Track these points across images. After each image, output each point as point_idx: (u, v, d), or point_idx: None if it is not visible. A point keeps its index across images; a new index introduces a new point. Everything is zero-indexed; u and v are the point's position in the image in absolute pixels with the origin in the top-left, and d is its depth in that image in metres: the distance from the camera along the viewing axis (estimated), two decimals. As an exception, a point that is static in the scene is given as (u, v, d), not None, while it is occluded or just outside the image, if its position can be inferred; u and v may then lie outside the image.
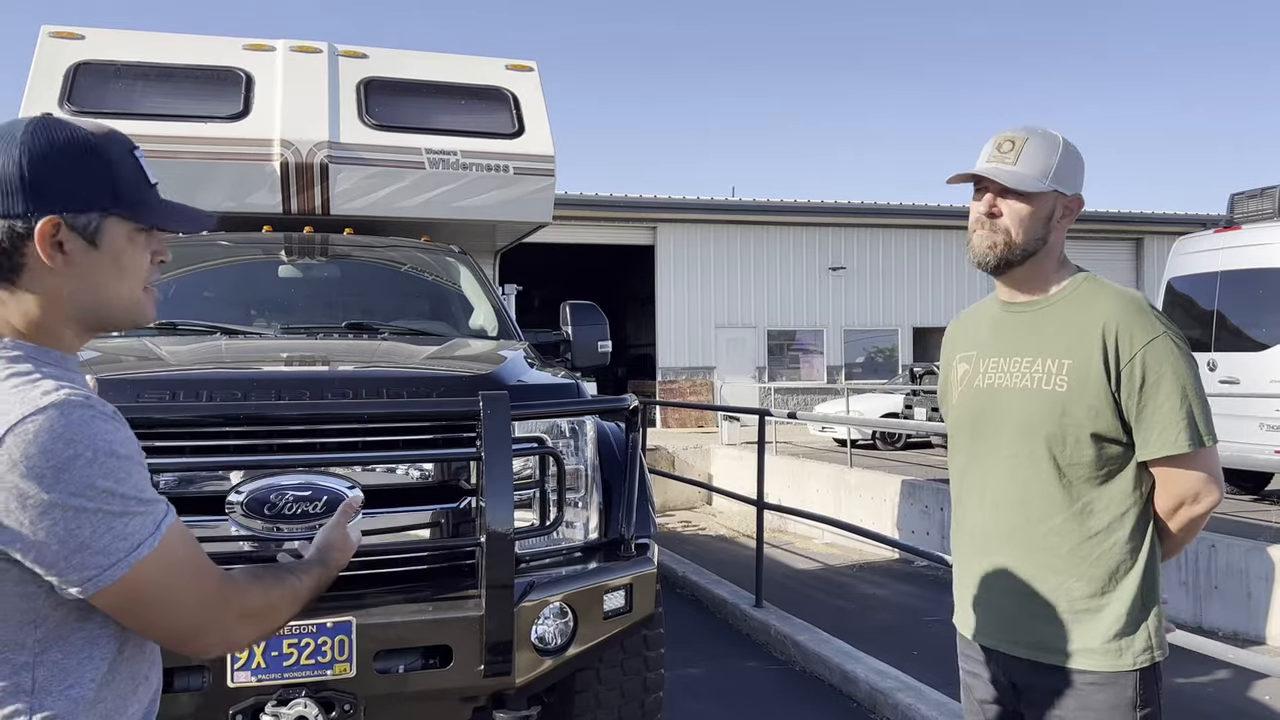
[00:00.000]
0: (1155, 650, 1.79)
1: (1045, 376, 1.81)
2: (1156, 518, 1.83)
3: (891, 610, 7.14)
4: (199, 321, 4.00)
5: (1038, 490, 1.82)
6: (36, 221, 1.14)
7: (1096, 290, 1.85)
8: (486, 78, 5.65)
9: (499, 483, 2.75)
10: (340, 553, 1.52)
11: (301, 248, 4.82)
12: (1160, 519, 1.83)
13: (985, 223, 1.85)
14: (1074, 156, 1.87)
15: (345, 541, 1.54)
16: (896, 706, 4.24)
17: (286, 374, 3.10)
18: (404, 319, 4.42)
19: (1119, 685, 1.77)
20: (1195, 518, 1.80)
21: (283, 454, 2.77)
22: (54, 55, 4.93)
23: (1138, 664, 1.78)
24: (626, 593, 3.06)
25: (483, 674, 2.71)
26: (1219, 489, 1.79)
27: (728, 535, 11.60)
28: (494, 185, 5.32)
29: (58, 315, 1.20)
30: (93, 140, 1.22)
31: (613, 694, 3.35)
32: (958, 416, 2.00)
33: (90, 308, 1.21)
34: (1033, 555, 1.84)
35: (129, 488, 1.12)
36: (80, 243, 1.18)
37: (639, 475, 3.29)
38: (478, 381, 3.05)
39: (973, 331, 2.04)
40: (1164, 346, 1.74)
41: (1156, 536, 1.84)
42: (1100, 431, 1.77)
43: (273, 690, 2.54)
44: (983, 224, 1.85)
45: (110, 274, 1.21)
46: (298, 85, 5.14)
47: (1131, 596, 1.79)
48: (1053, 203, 1.84)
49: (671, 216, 21.12)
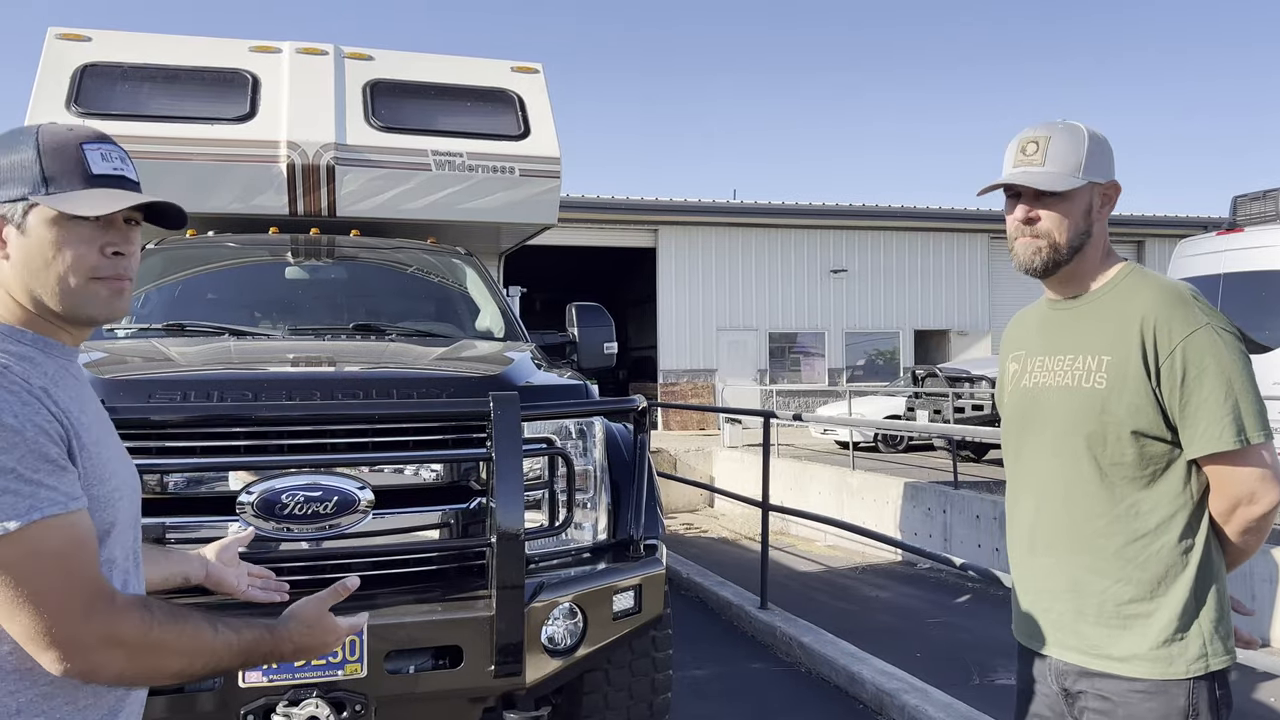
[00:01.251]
0: (1213, 658, 1.71)
1: (1085, 374, 1.77)
2: (1214, 523, 1.75)
3: (894, 612, 7.14)
4: (207, 322, 4.00)
5: (1081, 491, 1.78)
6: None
7: (1139, 282, 1.80)
8: (492, 80, 5.65)
9: (509, 483, 2.76)
10: (307, 631, 1.37)
11: (308, 249, 4.83)
12: (1218, 524, 1.74)
13: (1025, 230, 1.80)
14: (1101, 143, 1.82)
15: (319, 622, 1.39)
16: (903, 708, 4.23)
17: (297, 375, 3.10)
18: (411, 320, 4.43)
19: (1169, 694, 1.70)
20: (1255, 519, 1.71)
21: (293, 454, 2.77)
22: (61, 57, 4.94)
23: (1190, 672, 1.70)
24: (636, 593, 3.06)
25: (493, 674, 2.71)
26: (1278, 487, 1.68)
27: (730, 537, 11.60)
28: (500, 187, 5.32)
29: (19, 299, 1.25)
30: (28, 133, 1.26)
31: (621, 695, 3.36)
32: (1008, 417, 1.98)
33: (33, 293, 1.24)
34: (1079, 557, 1.80)
35: (7, 459, 1.09)
36: (13, 230, 1.24)
37: (647, 476, 3.29)
38: (487, 382, 3.05)
39: (1024, 331, 2.01)
40: (1206, 338, 1.67)
41: (1215, 540, 1.76)
42: (1141, 429, 1.71)
43: (284, 690, 2.54)
44: (1022, 231, 1.81)
45: (41, 261, 1.24)
46: (304, 87, 5.15)
47: (1183, 601, 1.71)
48: (1089, 195, 1.80)
49: (673, 219, 21.14)
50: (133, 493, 1.34)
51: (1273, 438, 1.70)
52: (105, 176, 1.27)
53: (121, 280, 1.29)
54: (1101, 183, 1.82)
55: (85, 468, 1.20)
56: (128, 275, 1.30)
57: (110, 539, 1.25)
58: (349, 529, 2.77)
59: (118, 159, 1.30)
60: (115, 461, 1.29)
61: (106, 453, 1.27)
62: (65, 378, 1.26)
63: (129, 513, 1.32)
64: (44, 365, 1.23)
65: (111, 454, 1.29)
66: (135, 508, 1.36)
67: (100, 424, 1.30)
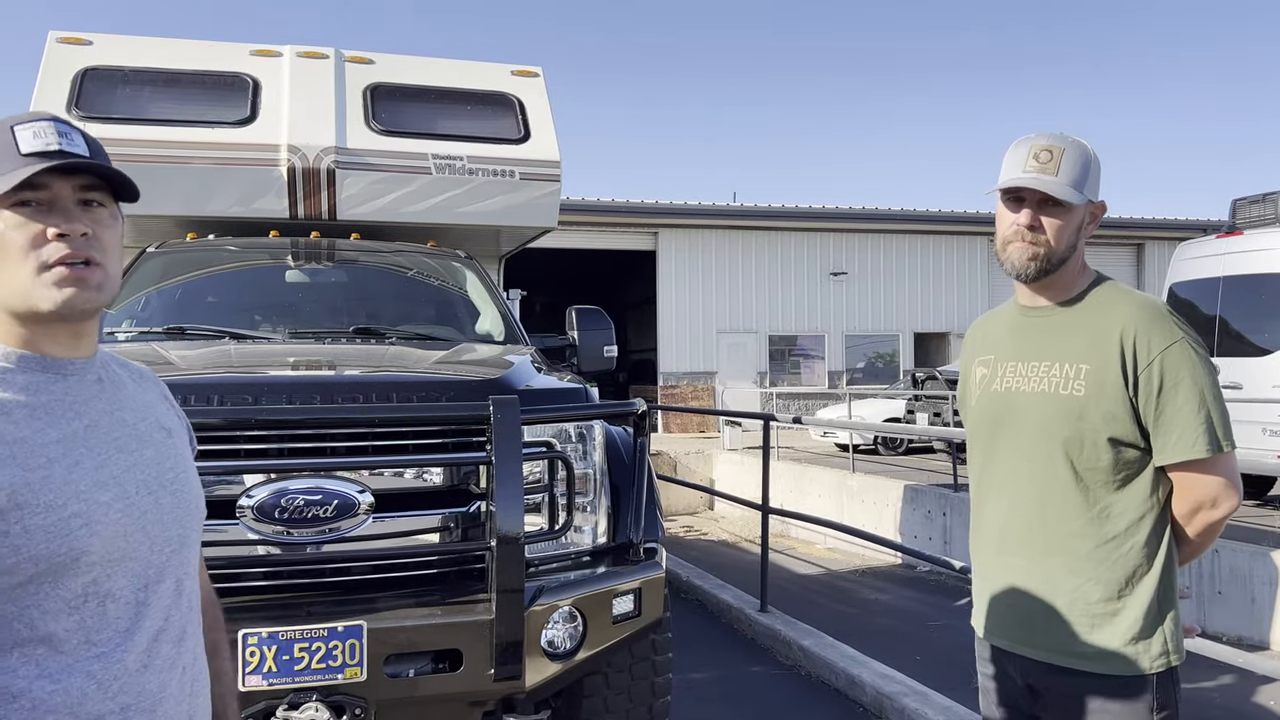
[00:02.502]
0: (1172, 654, 1.79)
1: (1063, 381, 1.82)
2: (1174, 523, 1.83)
3: (894, 615, 7.14)
4: (208, 326, 4.01)
5: (1055, 494, 1.83)
6: None
7: (1116, 296, 1.86)
8: (492, 83, 5.66)
9: (509, 487, 2.76)
10: None
11: (308, 253, 4.83)
12: (1178, 524, 1.83)
13: (1024, 234, 1.83)
14: (1098, 165, 1.88)
15: None
16: (903, 711, 4.24)
17: (298, 379, 3.10)
18: (411, 324, 4.43)
19: (1137, 689, 1.78)
20: (1213, 523, 1.80)
21: (294, 458, 2.78)
22: (62, 61, 4.95)
23: (1154, 668, 1.78)
24: (635, 597, 3.06)
25: (493, 678, 2.72)
26: (1237, 494, 1.79)
27: (730, 540, 11.61)
28: (500, 190, 5.33)
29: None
30: None
31: (620, 698, 3.36)
32: (976, 420, 2.02)
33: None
34: (1050, 558, 1.85)
35: None
36: None
37: (647, 480, 3.30)
38: (487, 386, 3.06)
39: (991, 336, 2.05)
40: (1182, 352, 1.75)
41: (1174, 541, 1.84)
42: (1117, 436, 1.78)
43: (284, 694, 2.54)
44: (1021, 235, 1.84)
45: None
46: (305, 91, 5.16)
47: (1149, 601, 1.79)
48: (1084, 211, 1.86)
49: (673, 222, 21.15)
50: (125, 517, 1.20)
51: (1235, 447, 1.79)
52: (35, 154, 1.17)
53: (70, 265, 1.17)
54: (1095, 202, 1.88)
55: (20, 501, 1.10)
56: (80, 258, 1.18)
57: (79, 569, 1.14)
58: (349, 532, 2.77)
59: (54, 134, 1.19)
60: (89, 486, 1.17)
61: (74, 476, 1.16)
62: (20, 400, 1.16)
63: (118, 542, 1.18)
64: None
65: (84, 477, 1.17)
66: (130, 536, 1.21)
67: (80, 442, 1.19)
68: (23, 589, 1.11)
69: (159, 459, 1.29)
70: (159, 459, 1.29)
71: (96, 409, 1.25)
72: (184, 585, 1.30)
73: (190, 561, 1.32)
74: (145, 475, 1.25)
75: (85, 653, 1.15)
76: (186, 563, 1.31)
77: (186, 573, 1.31)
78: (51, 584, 1.13)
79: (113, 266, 1.24)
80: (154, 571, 1.24)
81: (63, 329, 1.22)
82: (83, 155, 1.21)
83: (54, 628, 1.13)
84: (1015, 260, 1.86)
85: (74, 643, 1.14)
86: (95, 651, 1.16)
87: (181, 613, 1.29)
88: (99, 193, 1.24)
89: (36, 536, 1.11)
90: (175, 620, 1.27)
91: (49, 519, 1.12)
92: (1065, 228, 1.82)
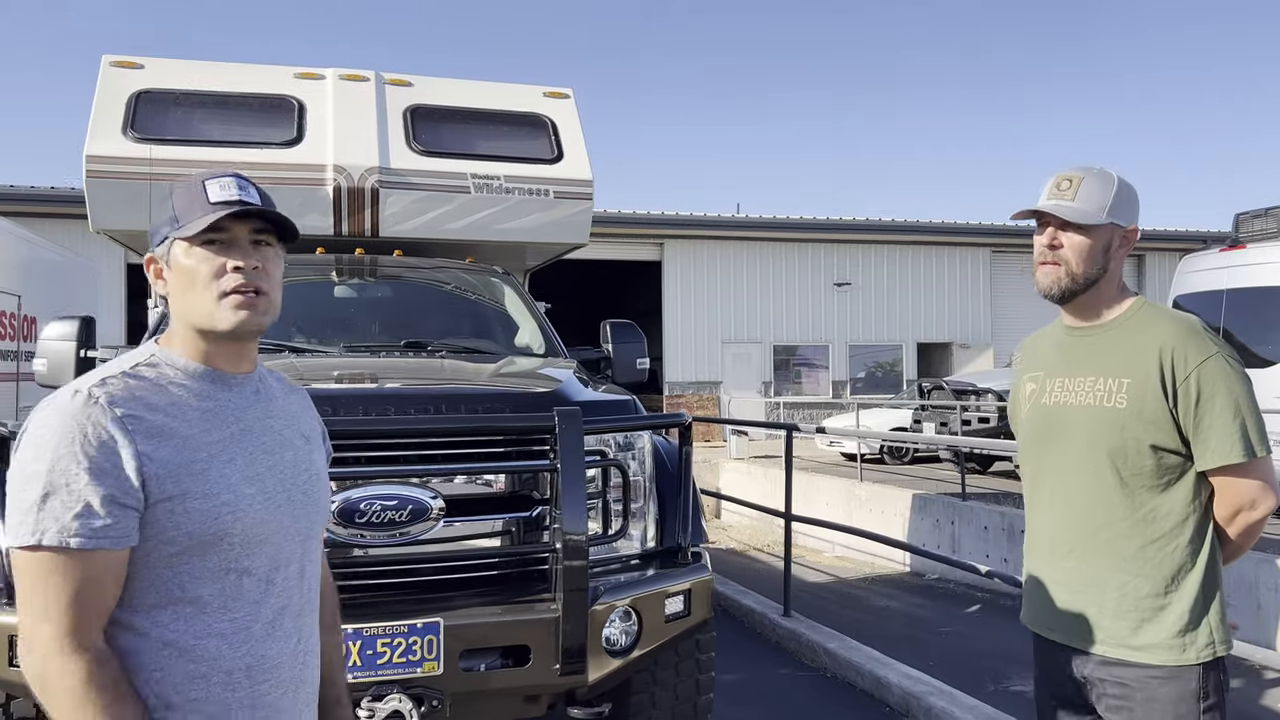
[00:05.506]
0: (1219, 645, 1.94)
1: (1107, 394, 1.99)
2: (1216, 525, 1.99)
3: (905, 621, 7.29)
4: (266, 340, 4.17)
5: (1102, 499, 2.00)
6: None
7: (1154, 315, 2.03)
8: (525, 104, 5.86)
9: (573, 492, 2.95)
10: None
11: (353, 269, 5.02)
12: (1220, 526, 1.98)
13: (1047, 254, 2.03)
14: (1128, 191, 2.06)
15: None
16: (930, 710, 4.40)
17: (374, 391, 3.29)
18: (454, 337, 4.61)
19: (1183, 679, 1.92)
20: (1253, 523, 1.95)
21: (371, 465, 2.95)
22: (115, 84, 5.14)
23: (1201, 658, 1.92)
24: (685, 598, 3.24)
25: (558, 673, 2.89)
26: (1275, 496, 1.93)
27: (738, 548, 11.74)
28: (535, 209, 5.53)
29: (184, 330, 1.46)
30: (170, 187, 1.52)
31: (667, 695, 3.52)
32: (1027, 431, 2.20)
33: (188, 319, 1.44)
34: (1100, 558, 2.00)
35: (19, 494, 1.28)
36: (166, 269, 1.48)
37: (691, 487, 3.48)
38: (550, 398, 3.24)
39: (1040, 353, 2.23)
40: (1217, 365, 1.91)
41: (1217, 541, 1.99)
42: (1159, 443, 1.93)
43: (367, 687, 2.72)
44: (1045, 256, 2.04)
45: (181, 288, 1.44)
46: (348, 112, 5.35)
47: (1194, 596, 1.94)
48: (1110, 234, 2.02)
49: (678, 233, 21.35)
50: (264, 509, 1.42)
51: (1271, 452, 1.94)
52: (221, 203, 1.42)
53: (243, 294, 1.41)
54: (1123, 226, 2.04)
55: (185, 488, 1.34)
56: (251, 288, 1.42)
57: (223, 547, 1.37)
58: (420, 535, 2.95)
59: (235, 186, 1.44)
60: (239, 480, 1.39)
61: (228, 471, 1.39)
62: (193, 405, 1.40)
63: (256, 529, 1.40)
64: (166, 395, 1.38)
65: (235, 473, 1.39)
66: (266, 524, 1.42)
67: (235, 443, 1.42)
68: (179, 558, 1.35)
69: (296, 462, 1.53)
70: (296, 462, 1.53)
71: (251, 416, 1.49)
72: (307, 570, 1.53)
73: (314, 551, 1.56)
74: (284, 475, 1.49)
75: (222, 616, 1.38)
76: (311, 552, 1.54)
77: (310, 560, 1.54)
78: (200, 556, 1.36)
79: (276, 295, 1.50)
80: (284, 556, 1.48)
81: (233, 346, 1.47)
82: (256, 203, 1.47)
83: (201, 591, 1.37)
84: (1041, 281, 2.05)
85: (214, 606, 1.37)
86: (230, 616, 1.39)
87: (303, 594, 1.51)
88: (268, 234, 1.49)
89: (194, 517, 1.35)
90: (296, 599, 1.50)
91: (205, 504, 1.36)
92: (1086, 248, 1.99)
